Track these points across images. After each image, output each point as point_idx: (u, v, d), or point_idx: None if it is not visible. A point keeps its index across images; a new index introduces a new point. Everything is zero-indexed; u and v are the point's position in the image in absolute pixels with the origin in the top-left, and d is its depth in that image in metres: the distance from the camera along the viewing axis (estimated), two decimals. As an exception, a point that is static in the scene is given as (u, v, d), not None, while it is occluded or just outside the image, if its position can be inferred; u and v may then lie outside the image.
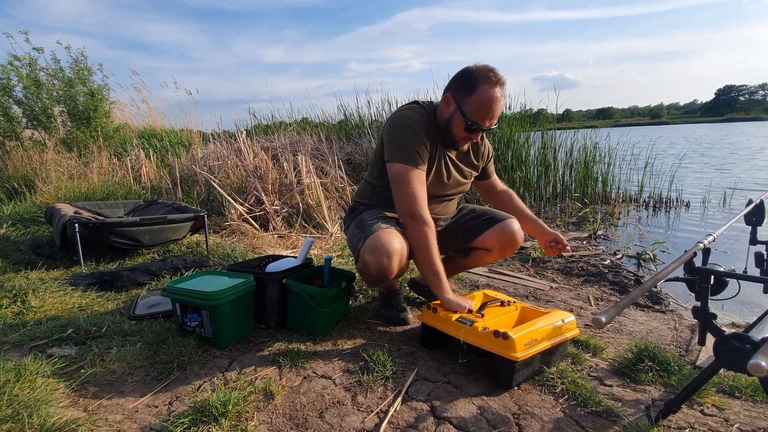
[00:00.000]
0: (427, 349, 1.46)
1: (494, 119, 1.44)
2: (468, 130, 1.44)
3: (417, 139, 1.42)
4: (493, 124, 1.45)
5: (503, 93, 1.41)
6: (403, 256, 1.41)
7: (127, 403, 1.15)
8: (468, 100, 1.39)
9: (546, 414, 1.13)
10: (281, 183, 3.63)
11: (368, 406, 1.15)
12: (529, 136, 5.13)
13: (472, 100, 1.39)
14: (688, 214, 4.56)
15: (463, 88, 1.41)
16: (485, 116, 1.41)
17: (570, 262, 2.67)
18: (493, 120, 1.44)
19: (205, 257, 2.49)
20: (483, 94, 1.37)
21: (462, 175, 1.61)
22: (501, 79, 1.39)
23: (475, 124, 1.41)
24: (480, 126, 1.42)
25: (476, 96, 1.38)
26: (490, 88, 1.37)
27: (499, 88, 1.39)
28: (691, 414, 1.14)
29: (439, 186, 1.56)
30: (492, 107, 1.39)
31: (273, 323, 1.59)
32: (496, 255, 1.70)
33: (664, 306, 2.02)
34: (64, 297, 1.85)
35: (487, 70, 1.39)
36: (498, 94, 1.39)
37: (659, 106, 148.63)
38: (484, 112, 1.40)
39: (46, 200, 3.75)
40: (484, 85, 1.37)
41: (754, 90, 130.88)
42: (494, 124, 1.45)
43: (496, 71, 1.40)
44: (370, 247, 1.37)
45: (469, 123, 1.41)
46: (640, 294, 0.85)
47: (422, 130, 1.43)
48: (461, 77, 1.42)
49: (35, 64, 5.61)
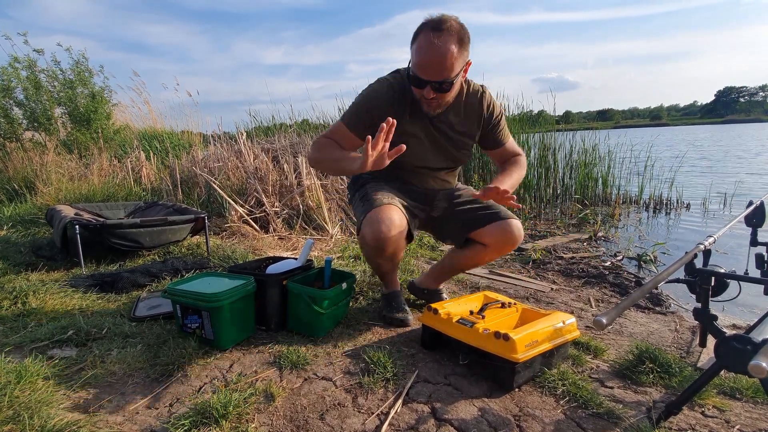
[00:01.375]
0: (427, 350, 1.46)
1: (435, 72, 1.28)
2: (414, 85, 1.34)
3: (363, 108, 1.44)
4: (437, 76, 1.29)
5: (450, 40, 1.24)
6: (402, 232, 1.45)
7: (128, 405, 1.15)
8: (412, 50, 1.30)
9: (547, 416, 1.13)
10: (281, 185, 3.63)
11: (369, 408, 1.15)
12: (529, 138, 5.13)
13: (413, 50, 1.29)
14: (689, 216, 4.55)
15: (412, 38, 1.31)
16: (421, 65, 1.28)
17: (570, 264, 2.67)
18: (433, 72, 1.28)
19: (206, 259, 2.49)
20: (419, 41, 1.27)
21: (454, 144, 1.52)
22: (447, 24, 1.25)
23: (415, 76, 1.31)
24: (418, 77, 1.30)
25: (416, 44, 1.29)
26: (426, 33, 1.26)
27: (438, 33, 1.24)
28: (692, 415, 1.14)
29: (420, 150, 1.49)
30: (427, 56, 1.26)
31: (273, 325, 1.58)
32: (492, 252, 1.62)
33: (664, 307, 2.02)
34: (64, 298, 1.85)
35: (432, 18, 1.28)
36: (434, 39, 1.24)
37: (659, 108, 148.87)
38: (419, 59, 1.28)
39: (46, 202, 3.76)
40: (422, 31, 1.27)
41: (755, 91, 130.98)
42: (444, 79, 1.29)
43: (445, 19, 1.26)
44: (370, 219, 1.42)
45: (410, 75, 1.32)
46: (641, 295, 0.85)
47: (379, 101, 1.41)
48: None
49: (35, 66, 5.63)
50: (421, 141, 1.50)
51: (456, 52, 1.27)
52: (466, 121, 1.50)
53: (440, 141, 1.52)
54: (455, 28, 1.26)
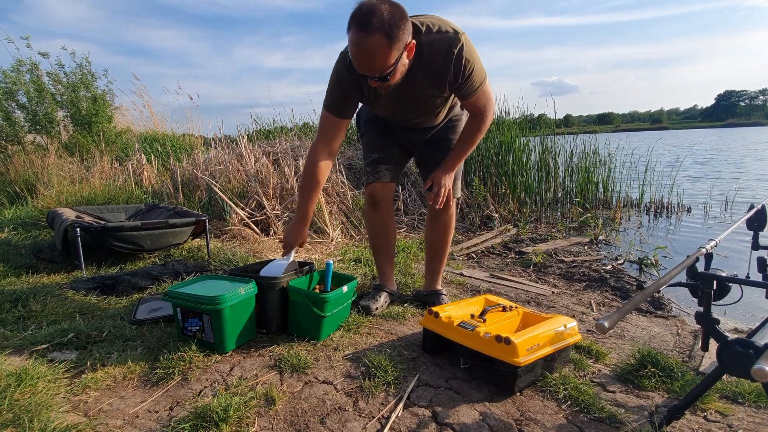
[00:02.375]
0: (428, 354, 1.46)
1: (367, 68, 1.26)
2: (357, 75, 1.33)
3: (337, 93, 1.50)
4: (372, 73, 1.27)
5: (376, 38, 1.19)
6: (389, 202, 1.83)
7: (128, 408, 1.14)
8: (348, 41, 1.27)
9: (549, 420, 1.12)
10: (282, 188, 3.63)
11: (370, 412, 1.14)
12: (529, 141, 5.14)
13: (348, 42, 1.26)
14: (690, 219, 4.55)
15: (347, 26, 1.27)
16: (355, 62, 1.27)
17: (572, 267, 2.67)
18: (367, 69, 1.27)
19: (206, 262, 2.49)
20: (350, 37, 1.24)
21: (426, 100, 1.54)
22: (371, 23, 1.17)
23: (352, 68, 1.31)
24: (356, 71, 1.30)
25: (348, 38, 1.25)
26: (354, 31, 1.21)
27: (364, 33, 1.18)
28: (694, 420, 1.13)
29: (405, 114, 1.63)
30: (355, 53, 1.24)
31: (274, 328, 1.58)
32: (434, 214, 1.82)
33: (666, 311, 2.02)
34: (65, 301, 1.85)
35: (360, 7, 1.21)
36: (361, 39, 1.19)
37: (659, 112, 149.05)
38: (352, 56, 1.27)
39: (47, 204, 3.76)
40: (351, 26, 1.22)
41: (755, 95, 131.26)
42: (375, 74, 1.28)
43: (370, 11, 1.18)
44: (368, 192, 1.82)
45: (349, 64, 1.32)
46: (643, 299, 0.84)
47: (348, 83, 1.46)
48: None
49: (38, 69, 5.65)
50: (395, 104, 1.57)
51: (386, 48, 1.22)
52: (433, 78, 1.43)
53: (413, 100, 1.53)
54: (381, 22, 1.18)
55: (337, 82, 1.49)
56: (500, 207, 4.52)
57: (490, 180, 4.86)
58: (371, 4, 1.20)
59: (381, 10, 1.18)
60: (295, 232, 1.64)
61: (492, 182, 4.85)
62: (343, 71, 1.45)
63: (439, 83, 1.44)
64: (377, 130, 1.81)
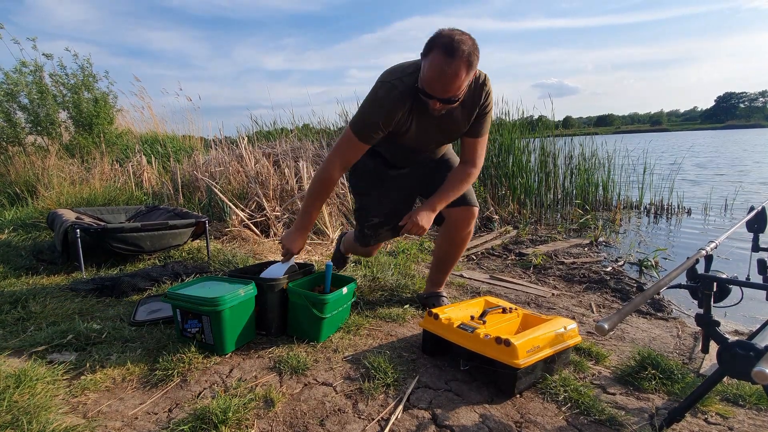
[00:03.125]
0: (428, 356, 1.45)
1: (444, 91, 1.31)
2: (423, 96, 1.36)
3: (376, 120, 1.45)
4: (444, 95, 1.33)
5: (460, 65, 1.26)
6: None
7: (127, 410, 1.14)
8: (423, 63, 1.32)
9: (549, 422, 1.12)
10: (282, 189, 3.63)
11: (369, 414, 1.14)
12: (529, 143, 5.14)
13: (425, 65, 1.31)
14: (690, 221, 4.55)
15: (423, 49, 1.32)
16: (430, 84, 1.31)
17: (572, 269, 2.67)
18: (441, 92, 1.32)
19: (206, 263, 2.49)
20: (432, 59, 1.28)
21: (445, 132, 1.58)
22: (460, 50, 1.24)
23: (424, 90, 1.34)
24: (427, 92, 1.33)
25: (428, 61, 1.30)
26: (439, 56, 1.26)
27: (450, 59, 1.25)
28: (695, 422, 1.13)
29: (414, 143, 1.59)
30: (437, 78, 1.29)
31: (273, 329, 1.58)
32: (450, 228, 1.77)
33: (666, 313, 2.01)
34: (64, 303, 1.85)
35: (451, 36, 1.26)
36: (445, 63, 1.26)
37: (659, 113, 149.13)
38: (429, 79, 1.31)
39: (47, 206, 3.76)
40: (435, 49, 1.27)
41: (754, 97, 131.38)
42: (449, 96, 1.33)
43: (458, 40, 1.25)
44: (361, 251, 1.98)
45: (420, 87, 1.35)
46: (643, 301, 0.84)
47: (391, 113, 1.43)
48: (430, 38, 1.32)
49: (41, 71, 5.67)
50: (424, 131, 1.56)
51: (464, 76, 1.30)
52: (466, 109, 1.52)
53: (441, 128, 1.56)
54: (467, 52, 1.26)
55: (382, 110, 1.44)
56: (500, 208, 4.53)
57: (490, 181, 4.86)
58: (458, 33, 1.28)
59: (465, 42, 1.27)
60: (296, 240, 1.62)
61: (492, 184, 4.85)
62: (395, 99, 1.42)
63: (472, 112, 1.53)
64: (374, 187, 1.76)
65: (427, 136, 1.57)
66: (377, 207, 1.77)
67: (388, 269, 2.31)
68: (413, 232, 1.55)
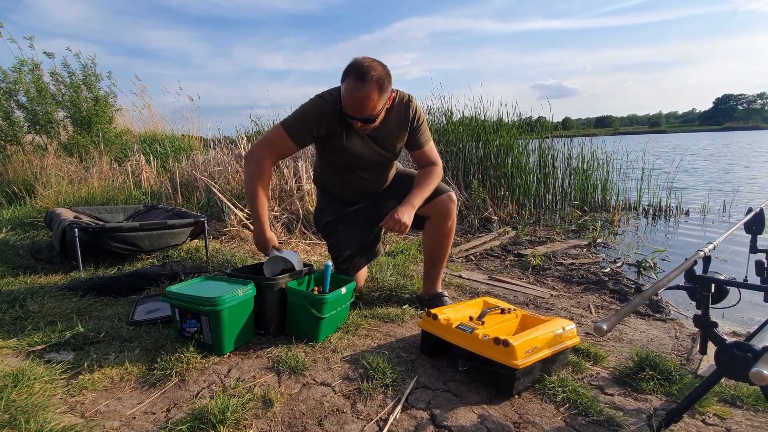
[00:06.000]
0: (427, 356, 1.45)
1: (359, 112, 1.50)
2: (345, 116, 1.54)
3: (305, 120, 1.61)
4: (362, 115, 1.51)
5: (371, 88, 1.44)
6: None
7: (125, 410, 1.14)
8: (341, 88, 1.51)
9: (547, 423, 1.12)
10: (281, 189, 3.63)
11: (368, 414, 1.14)
12: (528, 144, 5.15)
13: (342, 89, 1.50)
14: (688, 222, 4.56)
15: (341, 76, 1.50)
16: (347, 106, 1.50)
17: (570, 270, 2.67)
18: (357, 112, 1.50)
19: (205, 263, 2.49)
20: (346, 84, 1.47)
21: (382, 146, 1.71)
22: (369, 75, 1.43)
23: (345, 112, 1.53)
24: (348, 114, 1.52)
25: (344, 86, 1.49)
26: (352, 81, 1.45)
27: (361, 84, 1.43)
28: (692, 423, 1.13)
29: (356, 158, 1.71)
30: (351, 100, 1.48)
31: (272, 329, 1.58)
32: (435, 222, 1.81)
33: (664, 314, 2.02)
34: (62, 302, 1.84)
35: (362, 63, 1.45)
36: (357, 88, 1.44)
37: (658, 115, 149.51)
38: (345, 101, 1.50)
39: (46, 205, 3.75)
40: (349, 76, 1.46)
41: (753, 99, 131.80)
42: (367, 117, 1.51)
43: (368, 66, 1.44)
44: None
45: (342, 109, 1.53)
46: (641, 302, 0.84)
47: (318, 115, 1.59)
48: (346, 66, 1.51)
49: (39, 69, 5.66)
50: (358, 148, 1.70)
51: (377, 97, 1.47)
52: (395, 128, 1.70)
53: (373, 146, 1.71)
54: (376, 77, 1.44)
55: (315, 112, 1.60)
56: (499, 209, 4.53)
57: (489, 182, 4.86)
58: (369, 61, 1.47)
59: (375, 68, 1.46)
60: (264, 239, 1.69)
61: (491, 184, 4.85)
62: (327, 107, 1.59)
63: (401, 130, 1.70)
64: (338, 224, 1.88)
65: (368, 148, 1.70)
66: (345, 241, 1.85)
67: (387, 269, 2.31)
68: (395, 229, 1.59)
